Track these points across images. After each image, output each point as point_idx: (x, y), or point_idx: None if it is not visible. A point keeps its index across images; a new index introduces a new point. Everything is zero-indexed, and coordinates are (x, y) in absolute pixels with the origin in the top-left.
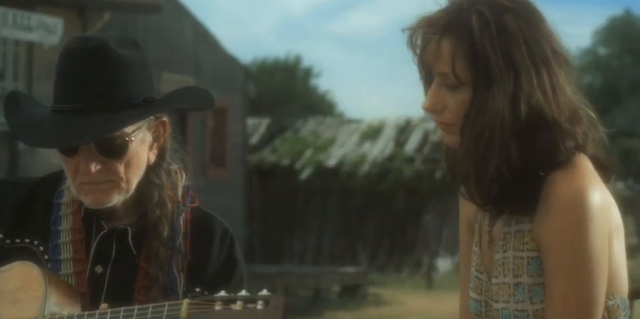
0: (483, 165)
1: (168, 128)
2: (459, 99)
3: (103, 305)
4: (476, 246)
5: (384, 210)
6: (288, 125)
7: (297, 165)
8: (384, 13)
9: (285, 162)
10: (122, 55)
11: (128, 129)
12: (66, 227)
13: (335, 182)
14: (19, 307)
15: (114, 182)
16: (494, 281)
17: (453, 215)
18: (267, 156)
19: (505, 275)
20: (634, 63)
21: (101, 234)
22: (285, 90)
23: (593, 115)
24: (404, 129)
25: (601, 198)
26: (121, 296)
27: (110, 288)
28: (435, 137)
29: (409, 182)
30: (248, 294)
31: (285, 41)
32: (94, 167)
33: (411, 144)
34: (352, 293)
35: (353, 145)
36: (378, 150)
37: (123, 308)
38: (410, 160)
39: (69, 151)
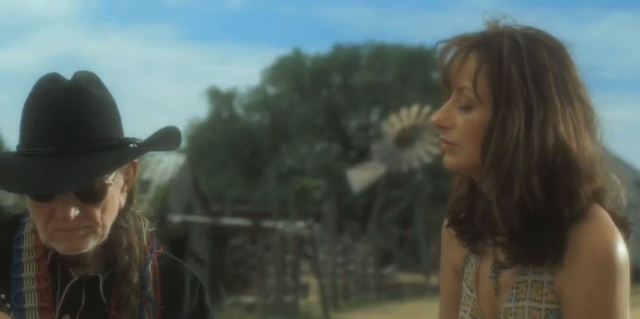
0: (507, 190)
1: (138, 170)
2: (470, 118)
3: None
4: (471, 291)
5: None
6: None
7: None
8: (37, 51)
9: None
10: (95, 94)
11: None
12: (29, 274)
13: None
14: None
15: (90, 227)
16: None
17: None
18: None
19: None
20: (302, 102)
21: (72, 281)
22: None
23: (613, 176)
24: None
25: (625, 253)
26: None
27: None
28: None
29: None
30: None
31: None
32: (72, 213)
33: None
34: None
35: None
36: None
37: None
38: None
39: (44, 197)
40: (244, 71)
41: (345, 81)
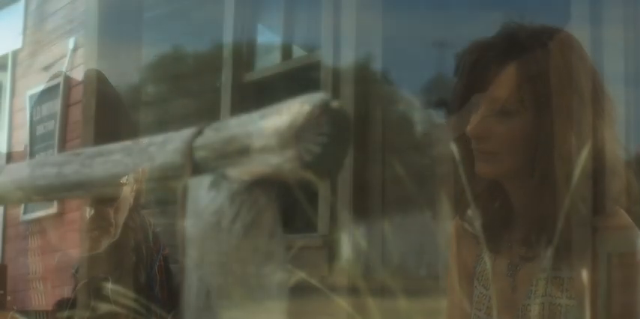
0: (555, 199)
1: (147, 169)
2: (509, 127)
3: None
4: (486, 289)
5: None
6: None
7: None
8: None
9: None
10: (108, 93)
11: None
12: (37, 275)
13: None
14: None
15: (103, 228)
16: None
17: None
18: None
19: None
20: (184, 101)
21: (81, 283)
22: None
23: (633, 177)
24: None
25: None
26: None
27: None
28: None
29: None
30: None
31: None
32: (88, 214)
33: None
34: None
35: None
36: None
37: None
38: None
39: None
40: (123, 70)
41: (226, 81)
